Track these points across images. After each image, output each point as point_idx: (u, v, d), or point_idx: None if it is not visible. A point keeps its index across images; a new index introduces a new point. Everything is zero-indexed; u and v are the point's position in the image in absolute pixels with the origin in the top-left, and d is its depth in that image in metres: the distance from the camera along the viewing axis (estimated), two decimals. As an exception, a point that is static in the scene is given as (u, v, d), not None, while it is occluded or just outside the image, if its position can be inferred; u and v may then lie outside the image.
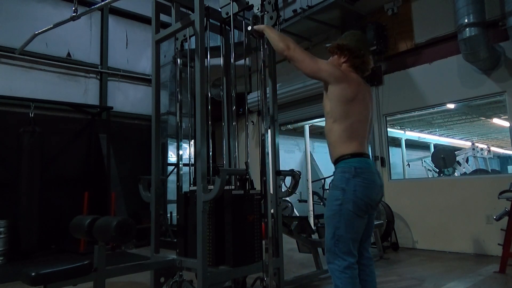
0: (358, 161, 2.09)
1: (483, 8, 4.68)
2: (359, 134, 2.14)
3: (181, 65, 3.60)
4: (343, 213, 2.02)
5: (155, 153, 3.24)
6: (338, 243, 2.03)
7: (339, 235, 2.03)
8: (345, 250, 2.03)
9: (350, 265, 2.02)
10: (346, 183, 2.04)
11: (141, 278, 3.93)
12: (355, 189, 2.02)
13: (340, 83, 2.11)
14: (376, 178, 2.13)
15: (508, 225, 4.03)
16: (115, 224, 2.38)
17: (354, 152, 2.10)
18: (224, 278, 2.78)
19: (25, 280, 2.07)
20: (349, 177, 2.05)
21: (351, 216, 2.02)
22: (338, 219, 2.04)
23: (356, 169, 2.05)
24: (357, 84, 2.17)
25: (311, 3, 6.03)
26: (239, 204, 2.89)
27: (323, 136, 11.85)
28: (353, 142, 2.12)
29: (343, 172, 2.08)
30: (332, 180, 2.16)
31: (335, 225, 2.05)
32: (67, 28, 6.81)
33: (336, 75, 2.13)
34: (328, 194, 2.14)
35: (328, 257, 2.10)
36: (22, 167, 5.87)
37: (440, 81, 5.44)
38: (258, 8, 2.98)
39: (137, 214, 7.16)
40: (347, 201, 2.02)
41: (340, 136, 2.13)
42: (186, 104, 3.97)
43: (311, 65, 2.17)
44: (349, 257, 2.03)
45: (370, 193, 2.07)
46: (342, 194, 2.04)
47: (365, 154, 2.15)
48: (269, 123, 3.00)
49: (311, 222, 7.56)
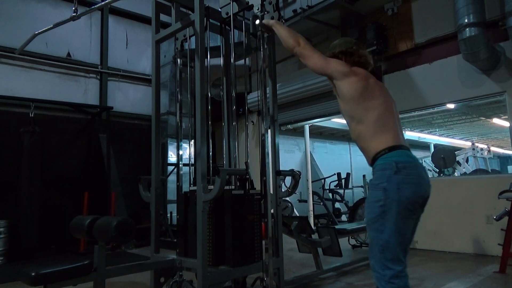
0: (399, 154, 1.87)
1: (483, 8, 4.68)
2: (390, 126, 1.96)
3: (181, 65, 3.60)
4: (387, 215, 1.79)
5: (155, 153, 3.24)
6: (383, 250, 1.80)
7: (383, 241, 1.79)
8: (392, 257, 1.78)
9: (398, 274, 1.78)
10: (388, 181, 1.81)
11: (141, 278, 3.93)
12: (399, 187, 1.79)
13: (347, 77, 2.02)
14: (423, 173, 1.89)
15: (508, 225, 4.03)
16: (115, 224, 2.38)
17: (391, 145, 1.89)
18: (224, 278, 2.78)
19: (25, 280, 2.07)
20: (391, 174, 1.81)
21: (396, 219, 1.78)
22: (381, 223, 1.80)
23: (397, 164, 1.81)
24: (366, 77, 2.07)
25: (311, 3, 6.03)
26: (239, 204, 2.89)
27: (323, 136, 11.90)
28: (386, 135, 1.92)
29: (383, 170, 1.84)
30: (371, 180, 1.93)
31: (377, 229, 1.82)
32: (67, 28, 6.81)
33: (343, 70, 2.06)
34: (368, 195, 1.91)
35: (372, 265, 1.86)
36: (22, 167, 5.87)
37: (440, 81, 5.44)
38: (258, 8, 2.98)
39: (137, 214, 7.15)
40: (390, 201, 1.79)
41: (370, 134, 1.95)
42: (186, 104, 3.97)
43: (320, 61, 2.14)
44: (397, 264, 1.78)
45: (417, 189, 1.82)
46: (383, 194, 1.80)
47: (403, 146, 1.93)
48: (269, 123, 3.00)
49: (311, 222, 7.57)
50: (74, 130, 7.39)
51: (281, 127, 8.12)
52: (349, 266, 4.47)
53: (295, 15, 6.27)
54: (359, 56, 2.20)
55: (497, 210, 4.33)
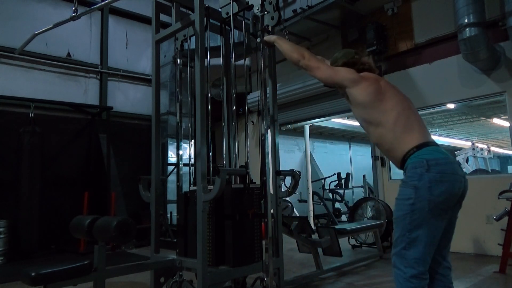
0: (428, 152, 1.82)
1: (483, 8, 4.68)
2: (412, 124, 1.91)
3: (181, 65, 3.60)
4: (416, 214, 1.75)
5: (155, 153, 3.24)
6: (409, 247, 1.76)
7: (411, 238, 1.76)
8: (417, 255, 1.75)
9: (419, 275, 1.74)
10: (419, 179, 1.76)
11: (141, 278, 3.93)
12: (430, 185, 1.74)
13: (358, 83, 2.00)
14: (457, 168, 1.82)
15: (508, 225, 4.03)
16: (115, 224, 2.38)
17: (418, 143, 1.84)
18: (224, 278, 2.78)
19: (25, 280, 2.07)
20: (422, 172, 1.76)
21: (426, 217, 1.74)
22: (409, 221, 1.76)
23: (428, 161, 1.77)
24: (377, 80, 2.05)
25: (311, 3, 6.03)
26: (239, 198, 2.89)
27: (323, 136, 11.89)
28: (410, 134, 1.88)
29: (414, 168, 1.79)
30: (402, 179, 1.88)
31: (405, 227, 1.78)
32: (67, 28, 6.82)
33: (352, 76, 2.04)
34: (399, 191, 1.86)
35: (394, 261, 1.84)
36: (22, 167, 5.87)
37: (440, 81, 5.44)
38: (258, 8, 2.98)
39: (137, 214, 7.16)
40: (420, 200, 1.74)
41: (393, 136, 1.90)
42: (186, 104, 3.97)
43: (327, 70, 2.12)
44: (420, 265, 1.75)
45: (450, 187, 1.76)
46: (414, 192, 1.76)
47: (431, 142, 1.88)
48: (269, 123, 3.00)
49: (311, 222, 7.57)
50: (74, 130, 7.39)
51: (281, 127, 8.12)
52: (349, 266, 4.47)
53: (295, 15, 6.27)
54: (362, 64, 2.21)
55: (497, 210, 4.33)
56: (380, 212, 5.55)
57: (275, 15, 2.91)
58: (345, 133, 11.98)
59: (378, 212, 5.59)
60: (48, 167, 6.64)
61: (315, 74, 2.15)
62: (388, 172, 6.08)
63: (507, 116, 5.09)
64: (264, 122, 2.94)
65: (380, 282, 3.85)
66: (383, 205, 5.56)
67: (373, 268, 4.46)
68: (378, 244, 5.05)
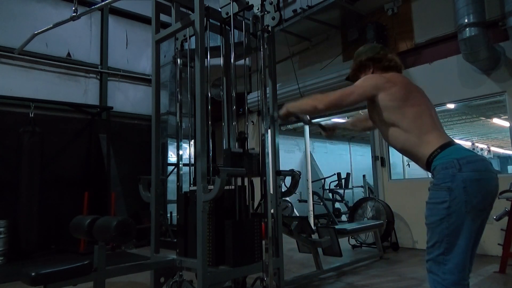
0: (455, 150, 1.74)
1: (483, 8, 4.68)
2: (433, 125, 1.84)
3: (181, 65, 3.60)
4: (453, 217, 1.65)
5: (155, 153, 3.24)
6: (448, 253, 1.66)
7: (449, 243, 1.66)
8: (457, 261, 1.66)
9: (460, 281, 1.66)
10: (452, 180, 1.66)
11: (141, 278, 3.93)
12: (465, 185, 1.64)
13: (386, 90, 1.89)
14: (489, 165, 1.76)
15: (508, 225, 4.03)
16: (115, 224, 2.38)
17: (441, 144, 1.76)
18: (224, 278, 2.78)
19: (25, 280, 2.07)
20: (455, 172, 1.66)
21: (465, 219, 1.65)
22: (446, 225, 1.66)
23: (459, 161, 1.68)
24: (404, 85, 1.94)
25: (311, 3, 6.03)
26: (238, 161, 2.92)
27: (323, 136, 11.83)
28: (432, 135, 1.81)
29: (445, 169, 1.69)
30: (432, 182, 1.78)
31: (443, 232, 1.67)
32: (67, 28, 6.81)
33: (379, 83, 1.91)
34: (430, 195, 1.75)
35: (431, 267, 1.73)
36: (22, 167, 5.87)
37: (440, 81, 5.44)
38: (258, 8, 2.99)
39: (137, 214, 7.15)
40: (457, 202, 1.64)
41: (414, 138, 1.83)
42: (186, 104, 3.97)
43: (353, 91, 1.94)
44: (461, 270, 1.66)
45: (485, 185, 1.69)
46: (448, 195, 1.66)
47: (453, 142, 1.80)
48: (269, 123, 3.00)
49: (311, 222, 7.57)
50: (74, 130, 7.39)
51: (281, 127, 8.12)
52: (349, 266, 4.47)
53: (295, 15, 6.27)
54: (388, 61, 2.10)
55: (497, 210, 4.32)
56: (380, 212, 5.55)
57: (275, 15, 2.91)
58: (345, 133, 11.98)
59: (378, 212, 5.59)
60: (48, 167, 6.64)
61: (342, 104, 1.96)
62: (388, 172, 6.08)
63: (507, 116, 5.09)
64: (264, 122, 2.94)
65: (380, 282, 3.85)
66: (383, 205, 5.56)
67: (373, 268, 4.46)
68: (378, 244, 5.05)
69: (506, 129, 7.07)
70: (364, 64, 2.14)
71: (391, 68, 2.08)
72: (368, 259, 4.80)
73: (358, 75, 2.18)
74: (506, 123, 6.19)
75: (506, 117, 5.20)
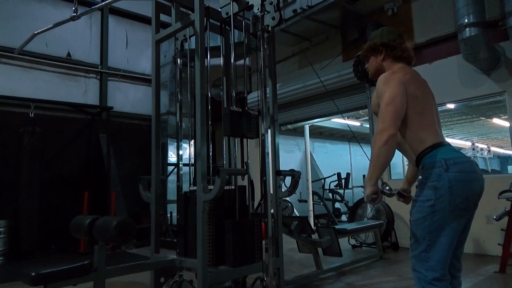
0: (444, 151, 1.77)
1: (483, 8, 4.68)
2: (429, 123, 1.85)
3: (181, 65, 3.60)
4: (437, 215, 1.71)
5: (155, 153, 3.24)
6: (430, 250, 1.72)
7: (431, 241, 1.72)
8: (439, 257, 1.72)
9: (441, 277, 1.71)
10: (438, 180, 1.71)
11: (141, 278, 3.93)
12: (450, 185, 1.69)
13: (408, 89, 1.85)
14: (475, 167, 1.78)
15: (508, 225, 4.03)
16: (115, 224, 2.38)
17: (433, 143, 1.80)
18: (224, 278, 2.78)
19: (25, 280, 2.07)
20: (441, 172, 1.71)
21: (448, 218, 1.71)
22: (429, 223, 1.72)
23: (446, 161, 1.72)
24: (415, 79, 1.91)
25: (311, 3, 6.03)
26: (238, 120, 2.92)
27: (323, 136, 11.86)
28: (426, 133, 1.82)
29: (432, 168, 1.74)
30: (419, 179, 1.83)
31: (426, 230, 1.73)
32: (67, 28, 6.82)
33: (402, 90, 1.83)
34: (416, 193, 1.81)
35: (414, 264, 1.79)
36: (22, 167, 5.87)
37: (440, 81, 5.44)
38: (258, 8, 2.99)
39: (137, 214, 7.15)
40: (441, 200, 1.70)
41: (408, 133, 1.84)
42: (186, 104, 3.97)
43: (395, 105, 1.79)
44: (442, 267, 1.72)
45: (470, 186, 1.73)
46: (434, 193, 1.71)
47: (445, 142, 1.83)
48: (269, 123, 3.00)
49: (311, 222, 7.57)
50: (74, 130, 7.39)
51: (281, 127, 8.12)
52: (349, 266, 4.48)
53: (295, 15, 6.27)
54: (402, 51, 2.02)
55: (497, 210, 4.33)
56: (380, 212, 5.55)
57: (275, 15, 2.91)
58: (345, 133, 11.97)
59: (378, 212, 5.59)
60: (48, 167, 6.64)
61: (398, 113, 1.79)
62: (388, 172, 6.08)
63: (507, 116, 5.09)
64: (264, 122, 2.94)
65: (380, 282, 3.85)
66: (383, 205, 5.56)
67: (373, 268, 4.46)
68: (378, 244, 5.05)
69: (506, 129, 7.07)
70: (377, 49, 2.06)
71: (402, 59, 2.02)
72: (368, 259, 4.80)
73: (368, 56, 2.12)
74: (506, 123, 6.19)
75: (506, 117, 5.20)
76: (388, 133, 1.73)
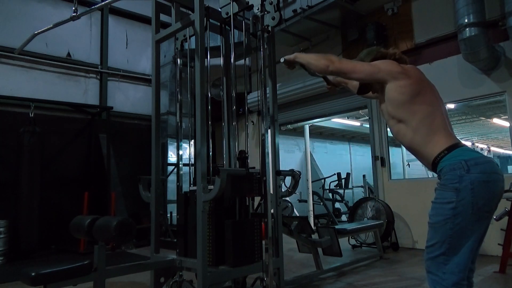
0: (462, 152, 1.71)
1: (483, 8, 4.68)
2: (440, 126, 1.80)
3: (181, 65, 3.60)
4: (459, 218, 1.64)
5: (155, 153, 3.24)
6: (451, 254, 1.66)
7: (452, 244, 1.66)
8: (460, 261, 1.66)
9: (461, 281, 1.67)
10: (459, 181, 1.64)
11: (141, 278, 3.93)
12: (473, 186, 1.63)
13: (398, 80, 1.83)
14: (496, 167, 1.73)
15: (508, 225, 4.03)
16: (115, 224, 2.38)
17: (448, 145, 1.73)
18: (224, 278, 2.78)
19: (25, 280, 2.06)
20: (462, 173, 1.65)
21: (470, 221, 1.65)
22: (451, 226, 1.65)
23: (467, 162, 1.66)
24: (418, 78, 1.88)
25: (311, 3, 6.03)
26: (239, 182, 2.90)
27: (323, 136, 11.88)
28: (439, 135, 1.77)
29: (453, 170, 1.67)
30: (438, 182, 1.77)
31: (446, 233, 1.66)
32: (67, 28, 6.81)
33: (395, 70, 1.85)
34: (436, 195, 1.74)
35: (429, 266, 1.72)
36: (22, 167, 5.87)
37: (440, 81, 5.40)
38: (258, 8, 2.98)
39: (137, 214, 7.16)
40: (463, 203, 1.63)
41: (421, 137, 1.80)
42: (186, 104, 3.97)
43: (366, 68, 1.89)
44: (462, 271, 1.68)
45: (492, 187, 1.68)
46: (455, 195, 1.64)
47: (460, 143, 1.77)
48: (269, 123, 3.00)
49: (311, 222, 7.57)
50: (74, 130, 7.39)
51: (281, 127, 8.12)
52: (349, 266, 4.47)
53: (295, 15, 6.27)
54: (391, 56, 2.02)
55: (497, 210, 4.33)
56: (380, 212, 5.55)
57: (275, 15, 2.91)
58: (345, 133, 11.98)
59: (378, 212, 5.59)
60: (48, 167, 6.64)
61: (352, 75, 1.92)
62: (388, 172, 6.08)
63: (507, 116, 5.09)
64: (264, 122, 2.94)
65: (380, 282, 3.85)
66: (383, 205, 5.56)
67: (373, 268, 4.46)
68: (378, 244, 5.05)
69: (506, 129, 7.08)
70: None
71: (400, 60, 2.00)
72: (368, 259, 4.80)
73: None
74: (506, 123, 6.20)
75: (506, 117, 5.20)
76: (330, 68, 1.92)
